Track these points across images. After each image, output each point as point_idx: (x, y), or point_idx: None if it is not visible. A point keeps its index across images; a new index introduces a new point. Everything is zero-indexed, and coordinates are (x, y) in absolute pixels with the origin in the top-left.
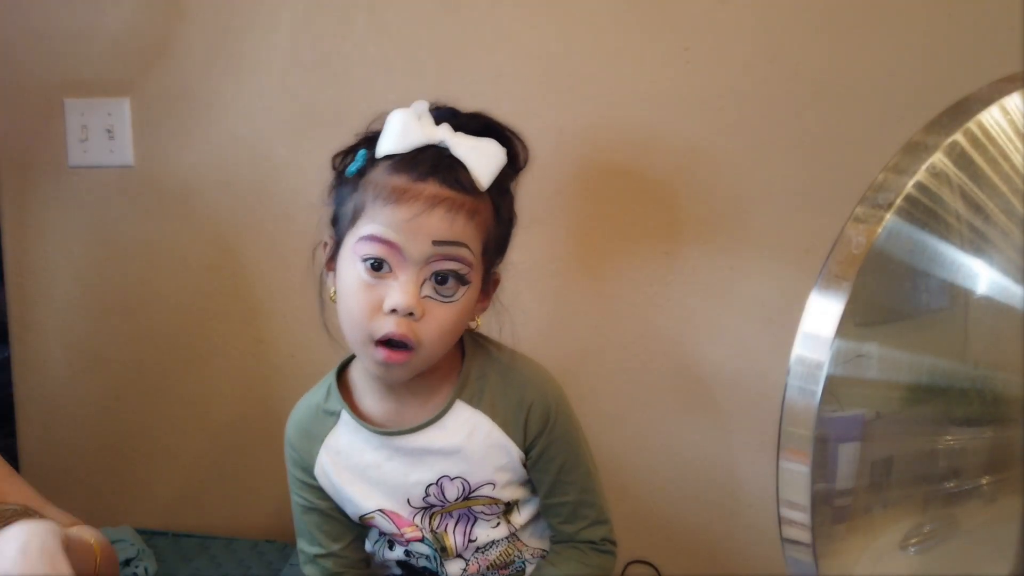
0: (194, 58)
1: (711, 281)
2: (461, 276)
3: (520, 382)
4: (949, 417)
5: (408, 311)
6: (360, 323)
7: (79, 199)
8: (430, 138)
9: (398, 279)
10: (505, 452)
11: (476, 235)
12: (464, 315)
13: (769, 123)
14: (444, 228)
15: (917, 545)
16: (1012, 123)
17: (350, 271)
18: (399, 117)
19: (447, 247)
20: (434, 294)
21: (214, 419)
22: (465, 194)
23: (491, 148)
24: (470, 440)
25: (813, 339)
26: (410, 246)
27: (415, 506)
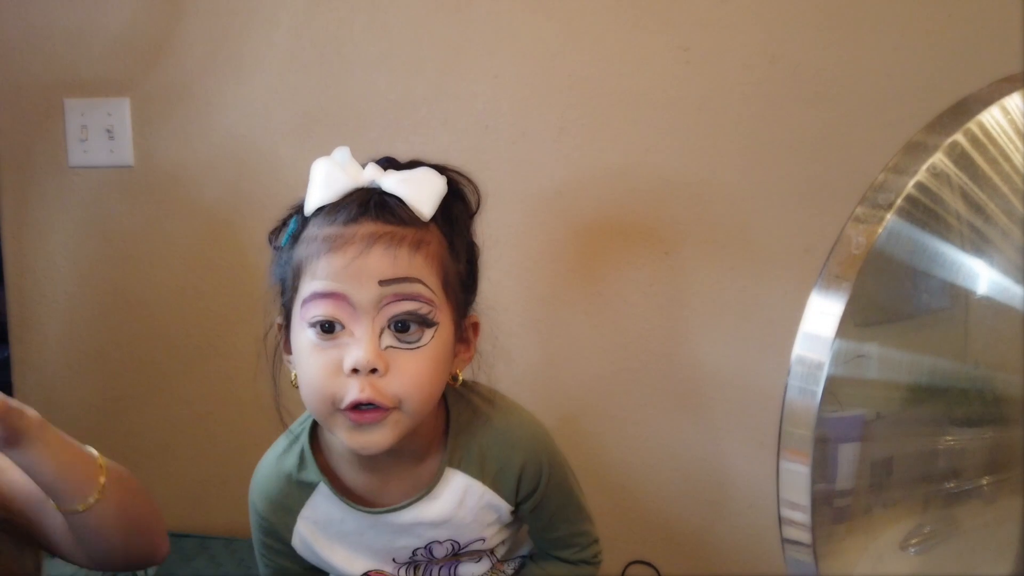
0: (194, 58)
1: (711, 281)
2: (423, 317)
3: (511, 442)
4: (949, 417)
5: (370, 367)
6: (320, 391)
7: (79, 199)
8: (357, 181)
9: (353, 335)
10: (495, 510)
11: (428, 268)
12: (441, 363)
13: (769, 123)
14: (387, 265)
15: (917, 545)
16: (1012, 123)
17: (302, 342)
18: (320, 167)
19: (396, 285)
20: (397, 343)
21: (214, 419)
22: (405, 226)
23: (426, 176)
24: (461, 507)
25: (813, 339)
26: (355, 293)
27: (400, 562)
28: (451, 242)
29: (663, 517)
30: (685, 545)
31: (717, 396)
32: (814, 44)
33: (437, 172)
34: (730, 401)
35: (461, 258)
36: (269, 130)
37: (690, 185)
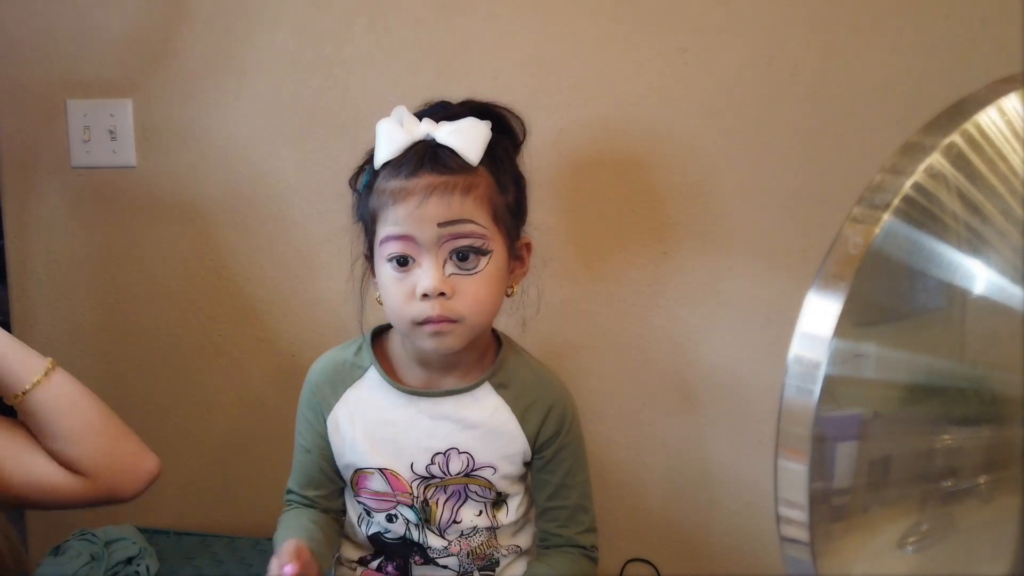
0: (196, 59)
1: (709, 281)
2: (478, 248)
3: (546, 385)
4: (947, 416)
5: (438, 292)
6: (401, 312)
7: (81, 199)
8: (413, 135)
9: (421, 266)
10: (514, 443)
11: (479, 208)
12: (497, 282)
13: (767, 124)
14: (443, 210)
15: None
16: (1010, 124)
17: (383, 273)
18: (382, 127)
19: (452, 226)
20: (458, 270)
21: (215, 418)
22: (456, 175)
23: (472, 126)
24: (490, 420)
25: (811, 339)
26: (420, 233)
27: (417, 472)
28: (498, 179)
29: (662, 515)
30: (684, 543)
31: (716, 395)
32: (812, 45)
33: (481, 117)
34: (728, 400)
35: (509, 191)
36: (271, 131)
37: (689, 186)
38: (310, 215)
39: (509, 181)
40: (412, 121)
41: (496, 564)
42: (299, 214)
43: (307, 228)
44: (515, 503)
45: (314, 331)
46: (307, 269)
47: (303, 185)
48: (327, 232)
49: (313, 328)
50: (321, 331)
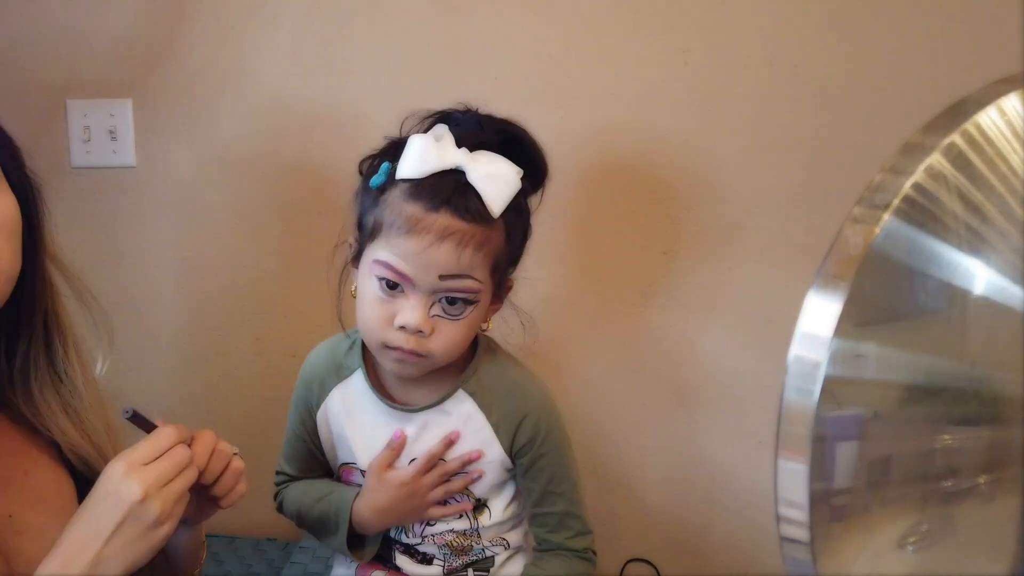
0: (196, 59)
1: (709, 281)
2: (468, 300)
3: (520, 394)
4: (947, 417)
5: (417, 329)
6: (373, 332)
7: (82, 199)
8: (446, 163)
9: (408, 300)
10: (489, 449)
11: (483, 263)
12: (475, 324)
13: (767, 124)
14: (452, 262)
15: (915, 544)
16: (1010, 124)
17: (367, 284)
18: (418, 143)
19: (453, 280)
20: (443, 313)
21: (215, 418)
22: (476, 224)
23: (506, 174)
24: (464, 427)
25: (811, 339)
26: (419, 277)
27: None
28: (510, 233)
29: (662, 515)
30: (684, 543)
31: (715, 395)
32: (812, 45)
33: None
34: (728, 400)
35: (516, 242)
36: (271, 131)
37: (689, 186)
38: (310, 215)
39: (519, 233)
40: (450, 144)
41: (491, 563)
42: (299, 214)
43: (307, 228)
44: (499, 506)
45: (314, 331)
46: (307, 269)
47: (303, 185)
48: (327, 232)
49: (313, 328)
50: (321, 331)
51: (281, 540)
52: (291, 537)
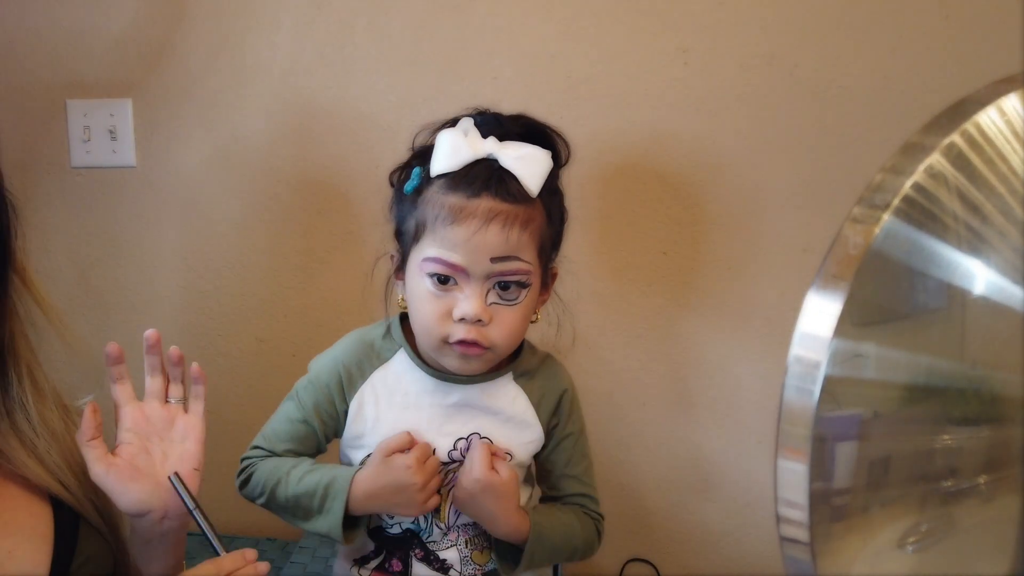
0: (196, 59)
1: (709, 281)
2: (521, 282)
3: (558, 371)
4: (947, 416)
5: (477, 319)
6: (433, 330)
7: (81, 199)
8: (479, 152)
9: (463, 291)
10: (531, 431)
11: (531, 243)
12: (530, 311)
13: (767, 124)
14: (500, 243)
15: (915, 544)
16: (1009, 124)
17: (418, 284)
18: (447, 137)
19: (504, 262)
20: (499, 300)
21: (215, 418)
22: (517, 204)
23: (537, 154)
24: (509, 408)
25: (811, 339)
26: (471, 264)
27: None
28: (550, 213)
29: (662, 515)
30: (683, 543)
31: (715, 395)
32: (812, 45)
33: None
34: (729, 400)
35: (556, 223)
36: (271, 131)
37: (688, 186)
38: (310, 214)
39: (558, 214)
40: (477, 136)
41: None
42: (299, 214)
43: (307, 228)
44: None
45: (314, 331)
46: (307, 269)
47: (303, 185)
48: (327, 232)
49: (313, 328)
50: (321, 331)
51: (280, 540)
52: (291, 537)
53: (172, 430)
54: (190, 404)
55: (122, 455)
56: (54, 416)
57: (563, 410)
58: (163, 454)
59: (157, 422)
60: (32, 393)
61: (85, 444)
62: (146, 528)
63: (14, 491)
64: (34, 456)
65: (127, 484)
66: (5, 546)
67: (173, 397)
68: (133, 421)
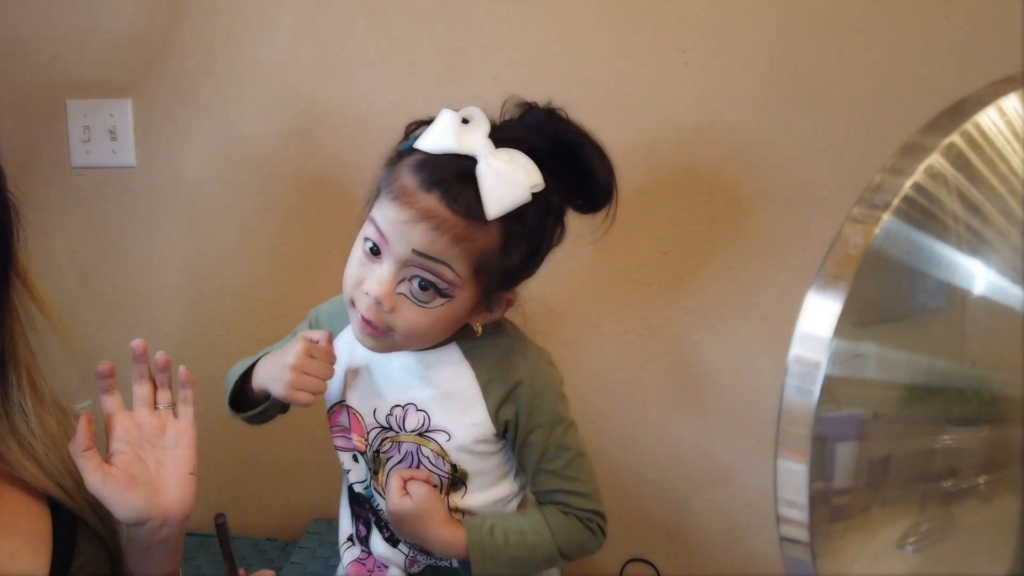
0: (196, 59)
1: (709, 281)
2: (439, 289)
3: (517, 361)
4: (946, 416)
5: (375, 300)
6: (347, 291)
7: (81, 199)
8: (463, 147)
9: (381, 267)
10: (474, 411)
11: (461, 258)
12: (445, 321)
13: (766, 124)
14: (425, 242)
15: (915, 544)
16: (1009, 124)
17: (356, 244)
18: (443, 119)
19: (425, 259)
20: (409, 294)
21: (215, 418)
22: (460, 218)
23: (518, 178)
24: (450, 382)
25: (811, 339)
26: (395, 245)
27: (377, 420)
28: (508, 241)
29: (662, 515)
30: (684, 543)
31: (716, 395)
32: (811, 45)
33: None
34: (728, 400)
35: (515, 256)
36: (270, 131)
37: (688, 186)
38: (310, 215)
39: (522, 247)
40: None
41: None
42: (299, 214)
43: (307, 228)
44: (476, 485)
45: None
46: (307, 269)
47: (303, 185)
48: (327, 232)
49: None
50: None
51: (280, 540)
52: (290, 537)
53: (164, 436)
54: (179, 409)
55: (117, 464)
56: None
57: (520, 402)
58: (157, 461)
59: (148, 429)
60: (31, 396)
61: (80, 455)
62: (144, 536)
63: (13, 494)
64: (33, 459)
65: (124, 493)
66: (6, 548)
67: (162, 403)
68: (125, 430)
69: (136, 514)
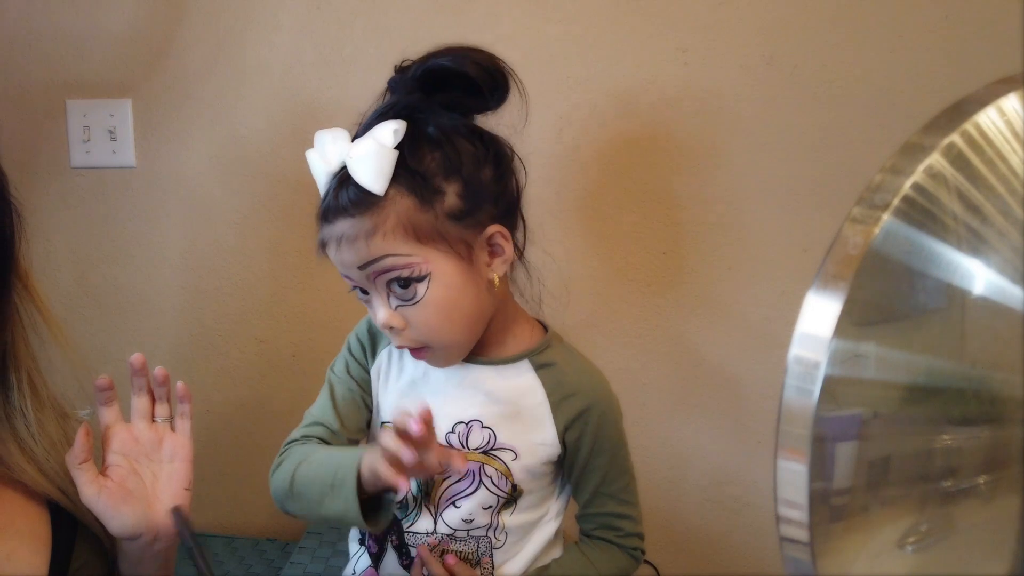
0: (195, 59)
1: (708, 281)
2: (407, 278)
3: (590, 382)
4: (946, 416)
5: (387, 327)
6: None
7: (81, 199)
8: (330, 166)
9: (372, 299)
10: (543, 430)
11: (392, 240)
12: (448, 301)
13: (766, 124)
14: (353, 258)
15: (914, 544)
16: (1009, 124)
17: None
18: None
19: (370, 266)
20: (401, 301)
21: (215, 418)
22: (360, 216)
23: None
24: (520, 400)
25: (810, 339)
26: (354, 277)
27: None
28: (420, 195)
29: (662, 516)
30: (684, 543)
31: (715, 395)
32: (811, 45)
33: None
34: (728, 400)
35: (441, 195)
36: (270, 131)
37: (688, 186)
38: (310, 215)
39: (441, 183)
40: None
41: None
42: (299, 214)
43: (307, 228)
44: (525, 504)
45: (314, 331)
46: (307, 269)
47: (303, 185)
48: None
49: (313, 328)
50: (321, 332)
51: (280, 540)
52: (290, 537)
53: (160, 450)
54: (177, 423)
55: (113, 477)
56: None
57: (588, 425)
58: (152, 475)
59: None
60: (32, 399)
61: (76, 467)
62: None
63: (12, 496)
64: (33, 462)
65: (119, 507)
66: (4, 549)
67: (159, 416)
68: (121, 442)
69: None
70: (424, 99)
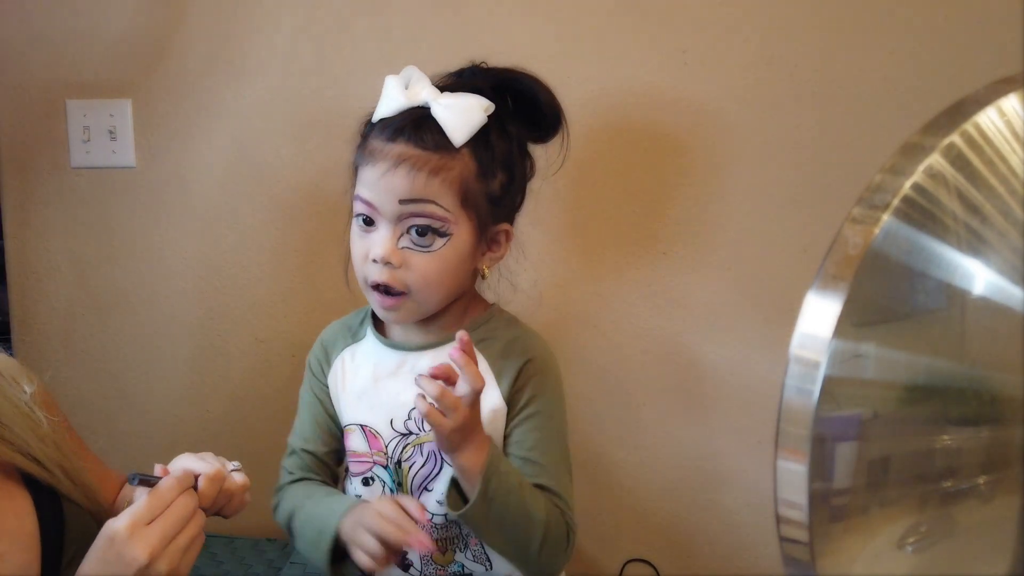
0: (196, 60)
1: (708, 281)
2: (436, 229)
3: (527, 342)
4: (946, 417)
5: (385, 260)
6: (358, 268)
7: (81, 199)
8: (413, 100)
9: (379, 231)
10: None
11: (445, 191)
12: (454, 263)
13: (766, 124)
14: (407, 186)
15: (914, 544)
16: (1009, 124)
17: (352, 226)
18: (388, 84)
19: (412, 204)
20: (412, 245)
21: (214, 419)
22: (430, 152)
23: (467, 104)
24: None
25: (810, 339)
26: (382, 204)
27: (395, 429)
28: (482, 165)
29: (661, 516)
30: (683, 543)
31: (715, 395)
32: (811, 46)
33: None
34: (728, 400)
35: (494, 178)
36: (270, 131)
37: (688, 186)
38: (310, 215)
39: (498, 168)
40: (417, 85)
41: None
42: (299, 214)
43: (307, 228)
44: None
45: (314, 331)
46: (307, 269)
47: (302, 185)
48: (327, 232)
49: (313, 328)
50: (321, 332)
51: (280, 540)
52: None
53: None
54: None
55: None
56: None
57: (525, 376)
58: None
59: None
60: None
61: None
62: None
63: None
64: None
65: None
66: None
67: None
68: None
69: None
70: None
